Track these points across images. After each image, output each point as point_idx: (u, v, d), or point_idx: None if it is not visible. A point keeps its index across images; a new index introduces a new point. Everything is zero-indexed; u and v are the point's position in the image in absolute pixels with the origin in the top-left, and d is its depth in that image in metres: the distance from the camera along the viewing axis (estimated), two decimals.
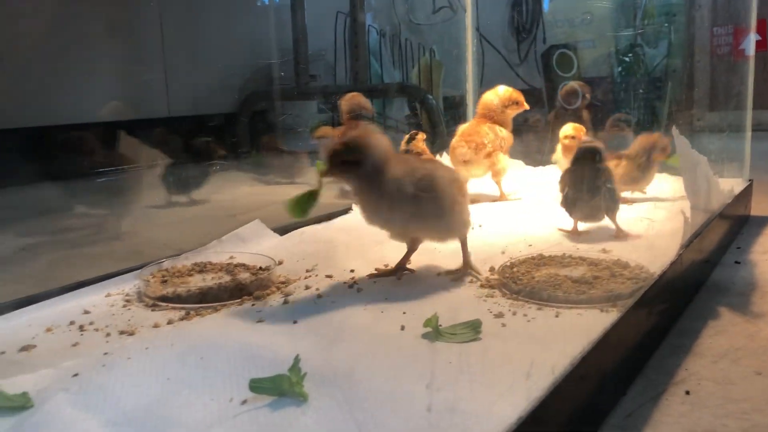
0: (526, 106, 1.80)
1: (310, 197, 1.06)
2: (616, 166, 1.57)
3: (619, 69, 3.15)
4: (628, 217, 1.47)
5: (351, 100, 1.76)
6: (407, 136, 1.74)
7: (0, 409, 0.70)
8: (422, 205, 1.07)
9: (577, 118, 2.35)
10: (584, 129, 1.75)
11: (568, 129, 1.73)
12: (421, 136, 1.72)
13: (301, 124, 2.97)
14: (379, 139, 1.07)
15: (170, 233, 1.23)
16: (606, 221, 1.39)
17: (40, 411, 0.69)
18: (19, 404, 0.71)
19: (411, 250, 1.18)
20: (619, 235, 1.37)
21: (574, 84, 2.52)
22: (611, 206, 1.37)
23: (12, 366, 0.82)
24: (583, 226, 1.42)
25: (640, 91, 2.87)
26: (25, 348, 0.88)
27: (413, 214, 1.08)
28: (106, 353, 0.84)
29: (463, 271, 1.15)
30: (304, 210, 1.06)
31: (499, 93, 1.79)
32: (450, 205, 1.11)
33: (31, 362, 0.83)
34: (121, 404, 0.71)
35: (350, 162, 1.05)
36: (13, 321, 0.98)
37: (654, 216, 1.51)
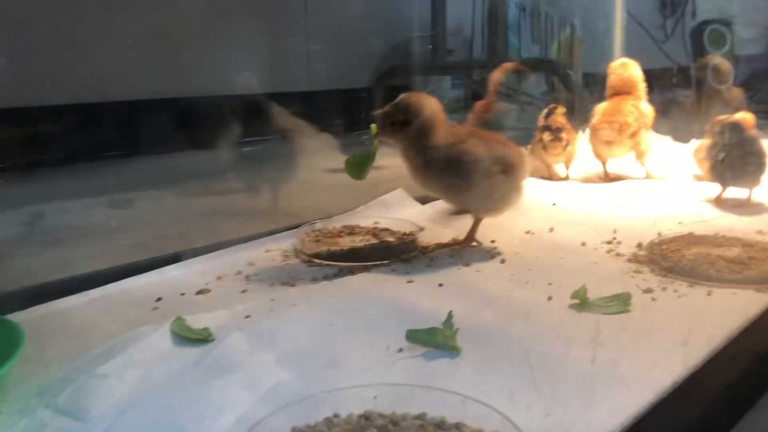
0: None
1: (366, 159, 1.09)
2: None
3: None
4: None
5: (503, 70, 1.75)
6: (545, 110, 1.72)
7: (187, 339, 0.79)
8: (448, 177, 1.08)
9: (727, 98, 2.23)
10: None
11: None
12: (561, 109, 1.70)
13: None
14: (430, 104, 1.08)
15: (319, 198, 1.31)
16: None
17: (222, 344, 0.77)
18: (203, 337, 0.79)
19: (476, 223, 1.18)
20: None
21: (725, 62, 2.39)
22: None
23: (192, 306, 0.92)
24: (728, 194, 1.40)
25: None
26: (201, 291, 0.98)
27: (447, 186, 1.10)
28: (272, 299, 0.92)
29: (461, 244, 1.17)
30: (361, 171, 1.09)
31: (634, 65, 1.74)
32: (480, 179, 1.09)
33: (207, 304, 0.93)
34: (290, 343, 0.78)
35: (399, 123, 1.07)
36: (187, 269, 1.08)
37: None
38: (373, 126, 1.10)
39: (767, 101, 2.60)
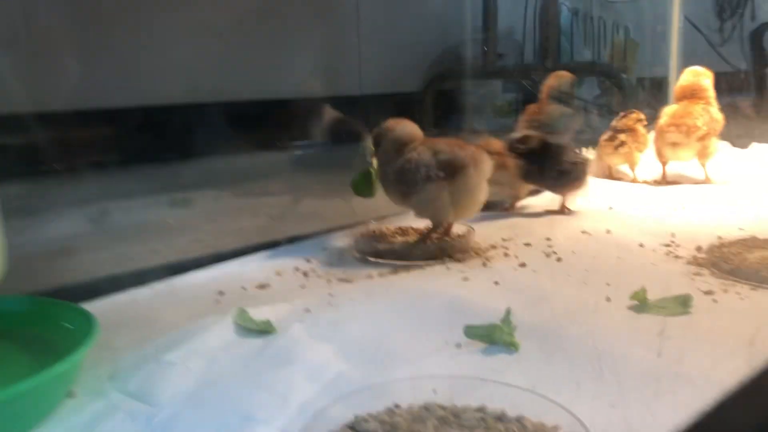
0: None
1: (370, 176, 1.19)
2: None
3: None
4: None
5: (559, 78, 1.75)
6: (621, 114, 1.72)
7: (249, 330, 0.81)
8: (398, 185, 1.15)
9: None
10: None
11: None
12: (636, 115, 1.69)
13: (486, 103, 2.99)
14: (400, 127, 1.17)
15: (372, 200, 1.32)
16: None
17: (284, 336, 0.79)
18: (264, 328, 0.81)
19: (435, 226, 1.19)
20: None
21: None
22: None
23: (253, 299, 0.94)
24: None
25: None
26: (261, 286, 1.00)
27: (396, 193, 1.16)
28: (330, 294, 0.94)
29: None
30: (370, 188, 1.20)
31: (706, 74, 1.71)
32: (420, 188, 1.13)
33: (268, 297, 0.95)
34: (349, 336, 0.79)
35: (376, 143, 1.18)
36: (247, 266, 1.11)
37: None
38: (369, 143, 1.19)
39: None
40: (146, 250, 1.22)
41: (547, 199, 1.48)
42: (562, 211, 1.42)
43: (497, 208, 1.44)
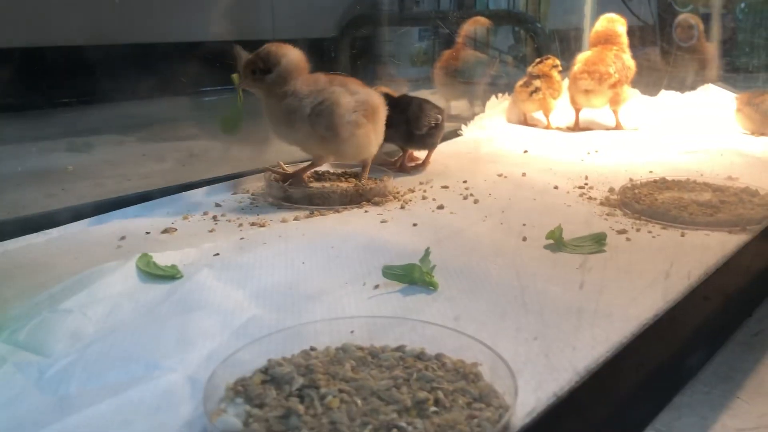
0: None
1: (236, 114, 1.11)
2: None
3: (742, 5, 2.96)
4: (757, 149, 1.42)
5: (475, 24, 1.72)
6: (537, 60, 1.71)
7: (153, 276, 0.76)
8: (317, 126, 1.07)
9: (695, 54, 2.24)
10: None
11: None
12: (551, 61, 1.69)
13: (402, 50, 2.94)
14: (291, 53, 1.07)
15: (285, 144, 1.27)
16: None
17: (191, 281, 0.74)
18: (170, 274, 0.76)
19: (313, 164, 1.16)
20: None
21: (689, 18, 2.39)
22: None
23: (158, 244, 0.88)
24: None
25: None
26: (167, 230, 0.95)
27: (308, 133, 1.07)
28: (241, 238, 0.89)
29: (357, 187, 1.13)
30: (234, 127, 1.12)
31: (620, 21, 1.73)
32: (348, 129, 1.08)
33: (174, 242, 0.90)
34: (262, 281, 0.76)
35: (260, 71, 1.05)
36: (152, 211, 1.04)
37: None
38: (235, 76, 1.09)
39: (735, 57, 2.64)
40: (42, 195, 1.13)
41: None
42: (403, 168, 1.33)
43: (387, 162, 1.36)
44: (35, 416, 0.53)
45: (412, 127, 1.27)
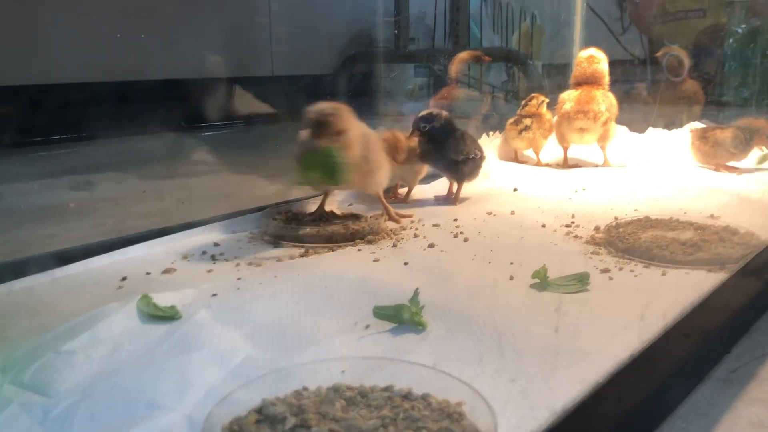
0: None
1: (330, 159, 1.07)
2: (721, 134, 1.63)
3: (731, 41, 3.03)
4: (740, 186, 1.46)
5: (459, 61, 1.77)
6: (524, 101, 1.76)
7: (153, 317, 0.79)
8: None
9: (682, 90, 2.29)
10: None
11: None
12: (537, 99, 1.73)
13: (398, 86, 3.01)
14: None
15: (284, 183, 1.31)
16: None
17: (189, 322, 0.77)
18: (169, 315, 0.80)
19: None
20: None
21: (679, 54, 2.45)
22: None
23: (158, 284, 0.91)
24: None
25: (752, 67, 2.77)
26: (167, 271, 0.98)
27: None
28: (239, 278, 0.93)
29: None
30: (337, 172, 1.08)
31: (603, 58, 1.78)
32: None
33: (173, 282, 0.93)
34: (257, 321, 0.79)
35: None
36: (152, 249, 1.08)
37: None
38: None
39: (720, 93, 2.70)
40: (44, 235, 1.17)
41: (438, 187, 1.49)
42: (449, 197, 1.41)
43: (389, 194, 1.41)
44: None
45: (450, 152, 1.35)
